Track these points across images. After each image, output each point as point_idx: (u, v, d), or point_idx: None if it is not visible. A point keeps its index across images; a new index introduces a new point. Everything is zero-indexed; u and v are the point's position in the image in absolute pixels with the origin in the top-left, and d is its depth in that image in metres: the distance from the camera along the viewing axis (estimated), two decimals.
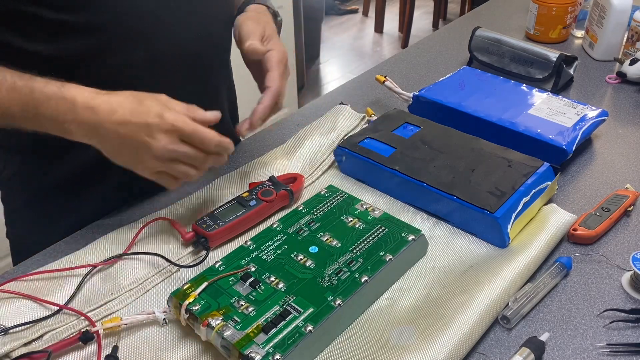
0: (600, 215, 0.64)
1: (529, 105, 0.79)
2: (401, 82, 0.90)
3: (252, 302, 0.52)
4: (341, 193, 0.66)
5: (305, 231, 0.60)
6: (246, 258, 0.57)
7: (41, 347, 0.50)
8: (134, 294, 0.57)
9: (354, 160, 0.71)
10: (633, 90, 0.94)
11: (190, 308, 0.51)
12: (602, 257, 0.61)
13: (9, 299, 0.55)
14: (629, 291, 0.57)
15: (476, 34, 1.00)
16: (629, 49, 0.99)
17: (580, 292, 0.57)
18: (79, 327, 0.53)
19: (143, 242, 0.63)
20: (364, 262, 0.56)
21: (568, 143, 0.72)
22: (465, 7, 3.31)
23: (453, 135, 0.73)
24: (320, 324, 0.49)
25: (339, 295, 0.52)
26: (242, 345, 0.47)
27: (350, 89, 0.98)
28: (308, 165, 0.75)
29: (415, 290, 0.56)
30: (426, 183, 0.65)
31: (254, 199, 0.65)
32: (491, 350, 0.52)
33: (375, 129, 0.75)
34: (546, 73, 0.92)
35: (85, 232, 0.67)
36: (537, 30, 1.10)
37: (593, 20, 1.04)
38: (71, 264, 0.59)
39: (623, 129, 0.83)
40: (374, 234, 0.59)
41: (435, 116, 0.78)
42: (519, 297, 0.55)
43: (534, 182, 0.64)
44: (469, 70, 0.90)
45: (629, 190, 0.68)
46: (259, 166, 0.74)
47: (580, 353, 0.51)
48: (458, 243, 0.62)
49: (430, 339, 0.50)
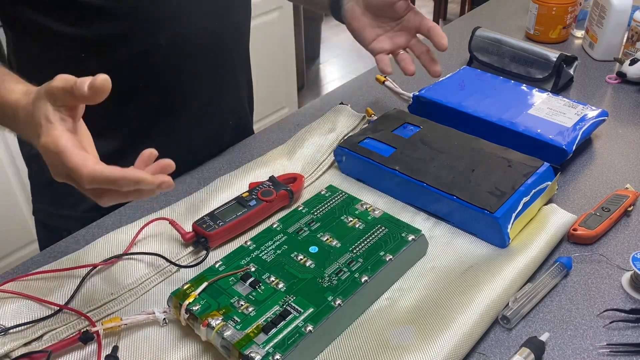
0: (600, 215, 0.64)
1: (529, 105, 0.79)
2: (401, 82, 0.90)
3: (252, 302, 0.52)
4: (341, 193, 0.66)
5: (305, 231, 0.60)
6: (246, 258, 0.57)
7: (41, 347, 0.50)
8: (134, 294, 0.57)
9: (354, 160, 0.71)
10: (633, 90, 0.94)
11: (190, 308, 0.51)
12: (602, 257, 0.61)
13: (9, 299, 0.55)
14: (629, 291, 0.57)
15: (476, 34, 1.00)
16: (629, 49, 0.99)
17: (580, 292, 0.57)
18: (79, 327, 0.53)
19: (143, 242, 0.63)
20: (364, 262, 0.56)
21: (568, 143, 0.72)
22: (465, 7, 3.31)
23: (453, 135, 0.73)
24: (320, 324, 0.49)
25: (339, 295, 0.52)
26: (242, 345, 0.47)
27: (350, 89, 0.98)
28: (308, 165, 0.75)
29: (415, 290, 0.56)
30: (426, 183, 0.65)
31: (254, 199, 0.65)
32: (491, 350, 0.52)
33: (375, 129, 0.75)
34: (546, 73, 0.92)
35: (85, 232, 0.67)
36: (537, 30, 1.10)
37: (593, 20, 1.04)
38: (71, 264, 0.59)
39: (623, 129, 0.83)
40: (374, 234, 0.59)
41: (435, 116, 0.78)
42: (519, 297, 0.55)
43: (534, 182, 0.64)
44: (469, 70, 0.90)
45: (629, 190, 0.68)
46: (259, 166, 0.74)
47: (580, 353, 0.51)
48: (458, 243, 0.62)
49: (430, 339, 0.50)
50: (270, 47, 2.19)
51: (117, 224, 0.67)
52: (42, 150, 0.45)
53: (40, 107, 0.45)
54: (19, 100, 0.49)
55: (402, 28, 0.76)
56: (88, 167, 0.43)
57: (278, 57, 2.28)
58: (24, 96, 0.49)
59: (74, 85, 0.43)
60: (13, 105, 0.49)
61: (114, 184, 0.43)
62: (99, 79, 0.42)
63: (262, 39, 2.10)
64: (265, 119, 2.28)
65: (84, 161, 0.43)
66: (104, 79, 0.42)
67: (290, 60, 2.36)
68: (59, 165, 0.45)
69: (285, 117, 0.90)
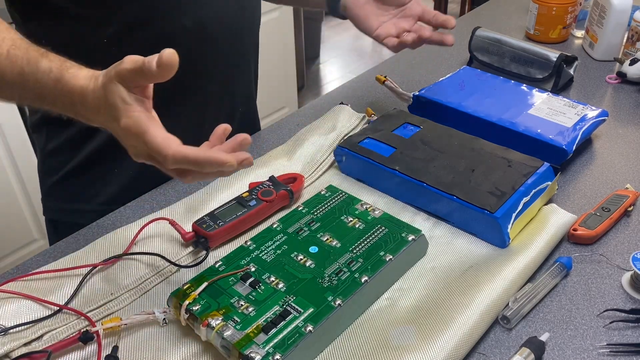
0: (600, 215, 0.64)
1: (529, 105, 0.79)
2: (401, 82, 0.90)
3: (252, 302, 0.52)
4: (341, 193, 0.66)
5: (305, 231, 0.60)
6: (246, 258, 0.57)
7: (41, 347, 0.50)
8: (134, 294, 0.57)
9: (354, 160, 0.71)
10: (633, 90, 0.94)
11: (190, 308, 0.51)
12: (602, 257, 0.61)
13: (9, 299, 0.55)
14: (629, 291, 0.57)
15: (476, 34, 1.00)
16: (629, 49, 0.99)
17: (580, 292, 0.57)
18: (78, 327, 0.53)
19: (143, 242, 0.63)
20: (364, 262, 0.56)
21: (568, 143, 0.72)
22: (465, 7, 3.31)
23: (453, 135, 0.73)
24: (320, 324, 0.49)
25: (339, 295, 0.52)
26: (242, 345, 0.47)
27: (350, 89, 0.98)
28: (308, 165, 0.75)
29: (416, 290, 0.56)
30: (426, 183, 0.65)
31: (254, 199, 0.65)
32: (491, 350, 0.52)
33: (375, 129, 0.75)
34: (546, 73, 0.92)
35: (85, 232, 0.67)
36: (537, 30, 1.10)
37: (593, 20, 1.04)
38: (71, 264, 0.59)
39: (623, 129, 0.83)
40: (374, 234, 0.59)
41: (435, 116, 0.78)
42: (519, 297, 0.55)
43: (534, 182, 0.64)
44: (469, 70, 0.90)
45: (629, 190, 0.68)
46: (259, 166, 0.74)
47: (580, 353, 0.51)
48: (458, 243, 0.62)
49: (430, 339, 0.50)
50: (270, 47, 2.19)
51: (117, 224, 0.67)
52: (123, 132, 0.46)
53: (113, 89, 0.46)
54: (86, 86, 0.48)
55: (404, 15, 0.78)
56: (172, 148, 0.44)
57: (278, 57, 2.28)
58: (90, 81, 0.48)
59: (143, 65, 0.43)
60: (80, 91, 0.49)
61: (196, 165, 0.45)
62: (165, 54, 0.42)
63: (262, 39, 2.09)
64: (265, 119, 2.28)
65: (168, 142, 0.44)
66: (170, 53, 0.42)
67: (290, 60, 2.36)
68: (140, 146, 0.46)
69: (285, 117, 0.90)
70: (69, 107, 0.51)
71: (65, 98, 0.50)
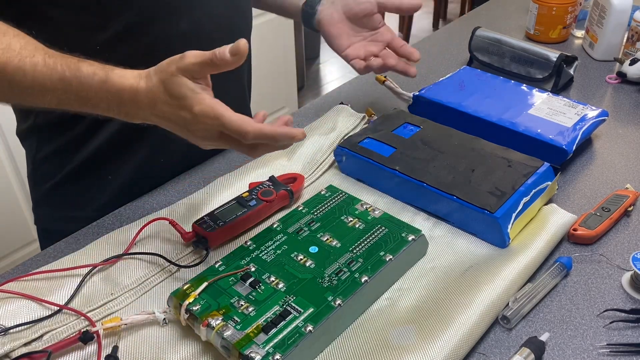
0: (600, 215, 0.64)
1: (529, 105, 0.79)
2: (401, 82, 0.90)
3: (252, 302, 0.52)
4: (341, 193, 0.66)
5: (305, 231, 0.60)
6: (246, 258, 0.57)
7: (41, 347, 0.50)
8: (134, 294, 0.57)
9: (354, 160, 0.71)
10: (633, 90, 0.94)
11: (190, 308, 0.51)
12: (602, 257, 0.61)
13: (9, 299, 0.55)
14: (629, 291, 0.57)
15: (476, 34, 1.00)
16: (629, 49, 0.99)
17: (580, 292, 0.57)
18: (79, 327, 0.53)
19: (143, 242, 0.63)
20: (364, 262, 0.56)
21: (568, 143, 0.72)
22: (465, 7, 3.31)
23: (453, 135, 0.73)
24: (320, 324, 0.49)
25: (339, 295, 0.52)
26: (242, 345, 0.47)
27: (350, 89, 0.98)
28: (308, 165, 0.75)
29: (416, 290, 0.56)
30: (426, 183, 0.65)
31: (254, 199, 0.65)
32: (491, 350, 0.52)
33: (375, 129, 0.75)
34: (546, 73, 0.92)
35: (85, 232, 0.67)
36: (537, 30, 1.10)
37: (593, 20, 1.04)
38: (71, 264, 0.59)
39: (623, 129, 0.83)
40: (374, 234, 0.59)
41: (435, 116, 0.78)
42: (519, 297, 0.55)
43: (534, 182, 0.64)
44: (469, 70, 0.90)
45: (629, 190, 0.68)
46: (259, 166, 0.74)
47: (580, 353, 0.51)
48: (458, 243, 0.62)
49: (430, 339, 0.50)
50: (270, 47, 2.19)
51: (117, 224, 0.67)
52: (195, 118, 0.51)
53: (178, 82, 0.50)
54: (136, 84, 0.52)
55: (374, 39, 0.81)
56: (252, 125, 0.51)
57: (278, 57, 2.28)
58: (140, 79, 0.52)
59: (214, 56, 0.49)
60: (130, 89, 0.52)
61: (272, 139, 0.52)
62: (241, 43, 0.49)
63: (262, 39, 2.10)
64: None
65: (245, 120, 0.51)
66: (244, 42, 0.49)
67: (290, 60, 2.36)
68: (214, 128, 0.51)
69: None
70: (114, 106, 0.53)
71: (113, 97, 0.52)
